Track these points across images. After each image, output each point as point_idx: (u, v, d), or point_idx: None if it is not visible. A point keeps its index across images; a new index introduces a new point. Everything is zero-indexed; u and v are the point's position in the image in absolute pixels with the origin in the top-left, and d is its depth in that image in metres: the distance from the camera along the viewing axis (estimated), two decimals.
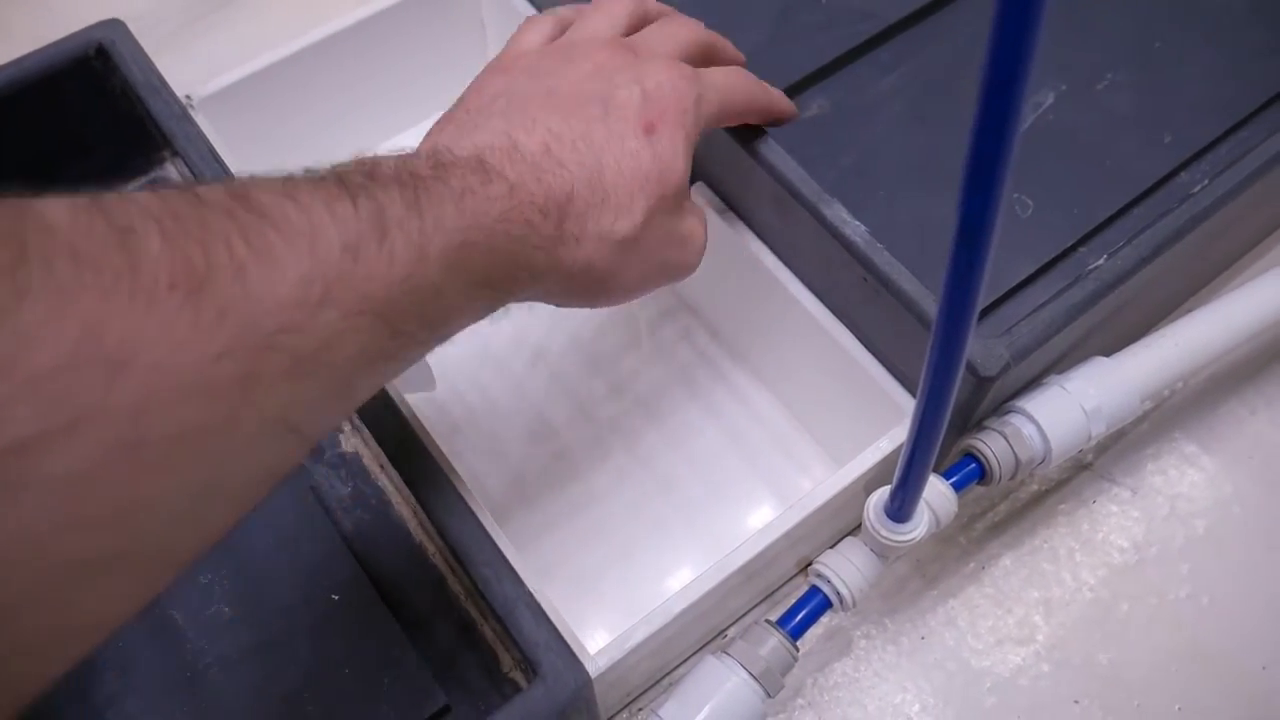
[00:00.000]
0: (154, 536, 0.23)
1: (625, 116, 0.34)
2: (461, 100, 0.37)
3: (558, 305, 0.36)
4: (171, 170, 0.49)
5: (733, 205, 0.46)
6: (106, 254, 0.21)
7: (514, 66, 0.37)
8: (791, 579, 0.48)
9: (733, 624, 0.47)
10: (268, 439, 0.25)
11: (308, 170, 0.28)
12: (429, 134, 0.36)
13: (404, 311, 0.27)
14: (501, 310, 0.33)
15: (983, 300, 0.40)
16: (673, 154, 0.35)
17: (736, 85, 0.40)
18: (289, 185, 0.26)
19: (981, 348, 0.37)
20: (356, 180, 0.27)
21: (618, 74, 0.36)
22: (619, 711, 0.46)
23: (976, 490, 0.51)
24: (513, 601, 0.34)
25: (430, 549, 0.40)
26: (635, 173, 0.34)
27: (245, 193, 0.25)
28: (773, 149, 0.42)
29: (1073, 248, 0.43)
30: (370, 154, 0.30)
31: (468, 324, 0.31)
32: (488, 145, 0.32)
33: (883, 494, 0.36)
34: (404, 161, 0.29)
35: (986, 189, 0.23)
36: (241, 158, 0.46)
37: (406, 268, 0.27)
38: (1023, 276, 0.42)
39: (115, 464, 0.21)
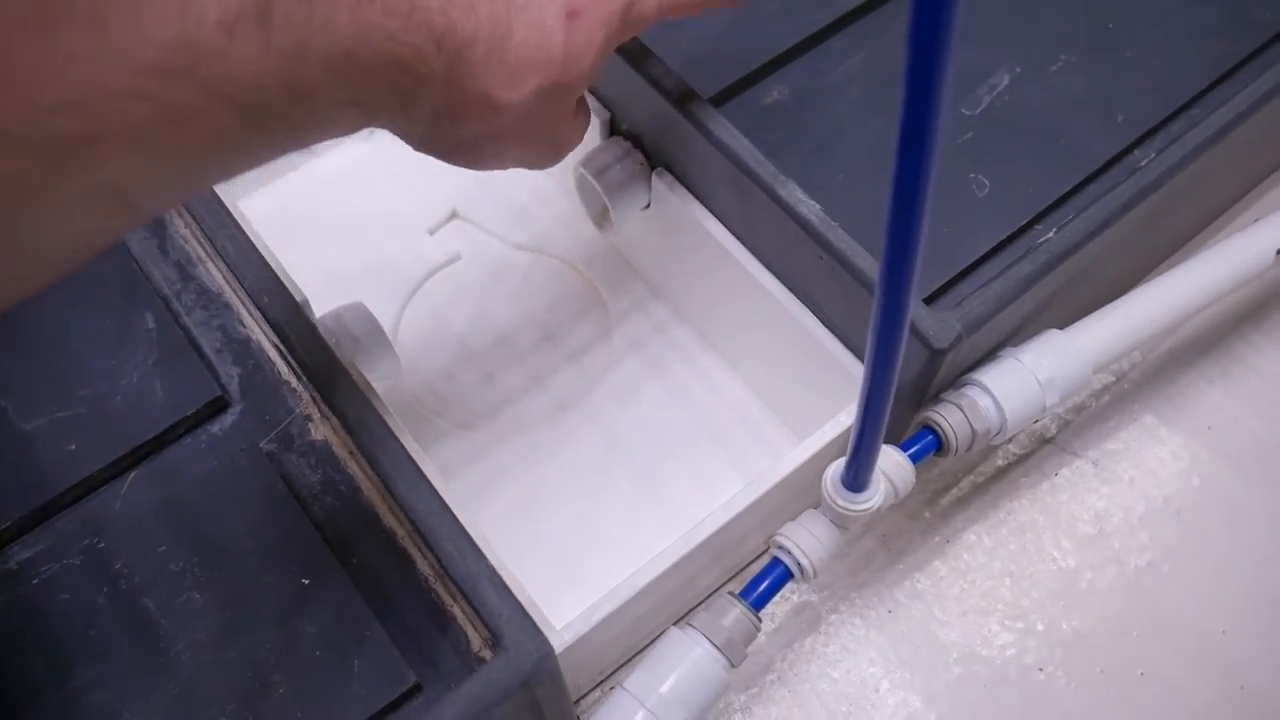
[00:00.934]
0: None
1: None
2: None
3: (412, 147, 0.34)
4: None
5: (693, 189, 0.47)
6: None
7: None
8: (759, 557, 0.49)
9: (703, 602, 0.48)
10: (93, 205, 0.23)
11: None
12: None
13: (269, 107, 0.25)
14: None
15: (937, 277, 0.42)
16: (585, 47, 0.34)
17: None
18: None
19: (934, 321, 0.38)
20: None
21: None
22: (592, 689, 0.46)
23: (941, 465, 0.52)
24: (476, 576, 0.34)
25: (399, 533, 0.40)
26: (540, 48, 0.32)
27: None
28: (730, 133, 0.42)
29: (1028, 225, 0.44)
30: None
31: (328, 137, 0.30)
32: None
33: (839, 465, 0.36)
34: None
35: (917, 157, 0.23)
36: None
37: (282, 61, 0.25)
38: (979, 254, 0.43)
39: None
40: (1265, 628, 0.48)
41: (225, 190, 0.43)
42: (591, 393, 0.53)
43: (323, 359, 0.39)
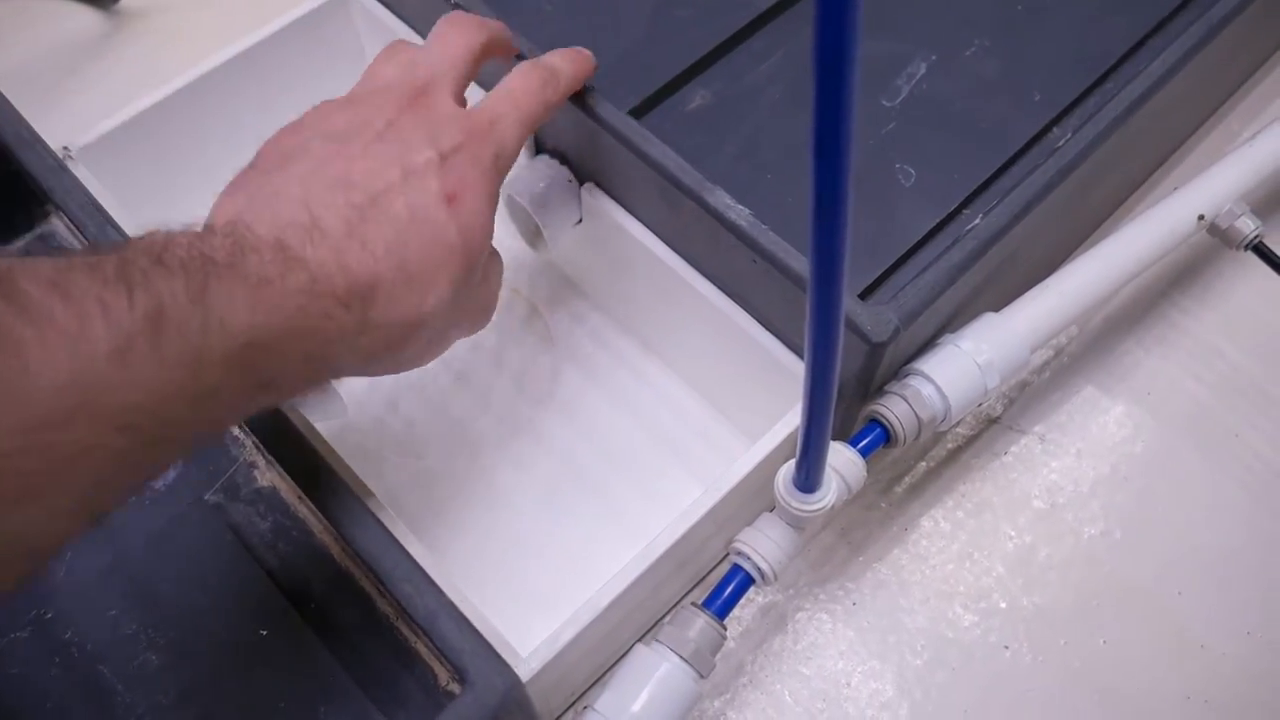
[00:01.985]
0: None
1: (426, 187, 0.32)
2: (257, 159, 0.34)
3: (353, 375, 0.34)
4: (57, 224, 0.48)
5: (623, 201, 0.47)
6: None
7: (308, 124, 0.35)
8: (723, 561, 0.49)
9: (669, 612, 0.48)
10: None
11: (92, 249, 0.25)
12: (224, 196, 0.33)
13: (168, 419, 0.25)
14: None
15: (870, 271, 0.42)
16: (477, 223, 0.34)
17: (527, 98, 0.38)
18: (62, 272, 0.23)
19: (871, 315, 0.39)
20: (140, 266, 0.24)
21: (412, 133, 0.34)
22: (564, 711, 0.46)
23: (891, 454, 0.52)
24: (434, 613, 0.34)
25: (356, 573, 0.40)
26: (439, 247, 0.32)
27: (11, 281, 0.22)
28: (653, 144, 0.42)
29: (956, 211, 0.45)
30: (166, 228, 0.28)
31: (239, 419, 0.29)
32: (288, 222, 0.29)
33: (790, 467, 0.37)
34: (198, 240, 0.27)
35: (833, 155, 0.24)
36: (130, 205, 0.46)
37: (180, 372, 0.24)
38: (910, 244, 0.43)
39: None
40: (1218, 585, 0.49)
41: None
42: (540, 412, 0.52)
43: None
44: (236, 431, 0.42)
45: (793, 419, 0.42)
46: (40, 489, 0.22)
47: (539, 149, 0.49)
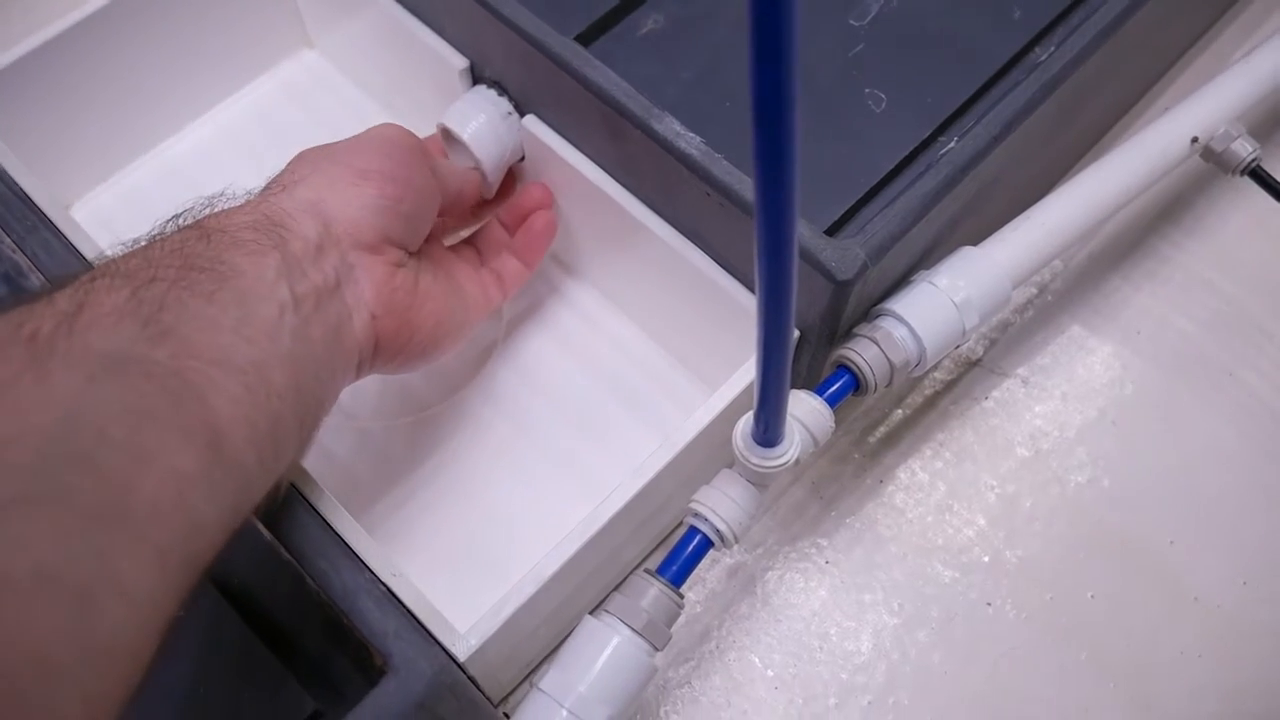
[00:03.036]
0: None
1: None
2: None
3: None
4: None
5: (567, 134, 0.43)
6: None
7: None
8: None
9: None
10: (103, 376, 0.23)
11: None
12: None
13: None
14: None
15: (838, 205, 0.39)
16: (392, 193, 0.36)
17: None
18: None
19: (836, 251, 0.35)
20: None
21: None
22: (520, 684, 0.43)
23: (865, 402, 0.49)
24: (353, 592, 0.31)
25: (281, 548, 0.37)
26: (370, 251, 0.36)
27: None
28: (597, 69, 0.39)
29: (930, 138, 0.41)
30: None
31: None
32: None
33: (748, 419, 0.33)
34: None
35: (775, 59, 0.20)
36: (30, 144, 0.42)
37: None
38: (881, 174, 0.40)
39: None
40: (1210, 532, 0.46)
41: (63, 188, 0.39)
42: (488, 368, 0.49)
43: None
44: None
45: (754, 365, 0.38)
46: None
47: (476, 79, 0.45)
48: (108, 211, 0.52)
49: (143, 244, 0.30)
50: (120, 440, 0.23)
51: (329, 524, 0.32)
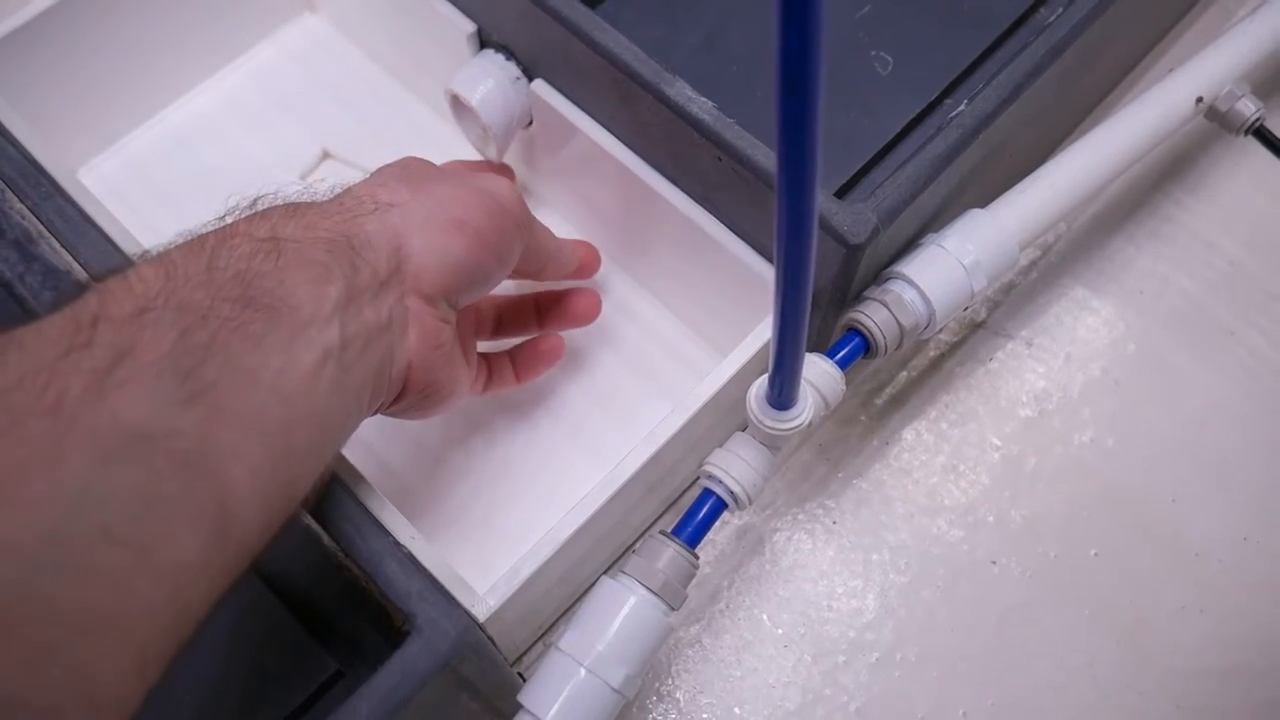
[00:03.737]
0: None
1: None
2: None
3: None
4: None
5: (576, 99, 0.43)
6: None
7: None
8: (694, 486, 0.47)
9: (639, 539, 0.46)
10: (117, 458, 0.22)
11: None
12: None
13: None
14: None
15: (847, 168, 0.39)
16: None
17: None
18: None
19: (848, 214, 0.35)
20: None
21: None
22: (535, 643, 0.44)
23: (870, 364, 0.49)
24: (378, 555, 0.31)
25: (302, 513, 0.37)
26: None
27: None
28: (608, 33, 0.38)
29: (938, 100, 0.41)
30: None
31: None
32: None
33: (762, 382, 0.34)
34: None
35: (803, 23, 0.20)
36: (34, 112, 0.42)
37: None
38: (889, 137, 0.40)
39: None
40: (1213, 491, 0.47)
41: (64, 155, 0.39)
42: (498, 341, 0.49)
43: None
44: None
45: (765, 331, 0.39)
46: None
47: (484, 43, 0.45)
48: (112, 178, 0.52)
49: (212, 241, 0.28)
50: (123, 535, 0.22)
51: (350, 490, 0.33)
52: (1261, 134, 0.48)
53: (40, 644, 0.21)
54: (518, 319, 0.45)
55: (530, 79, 0.44)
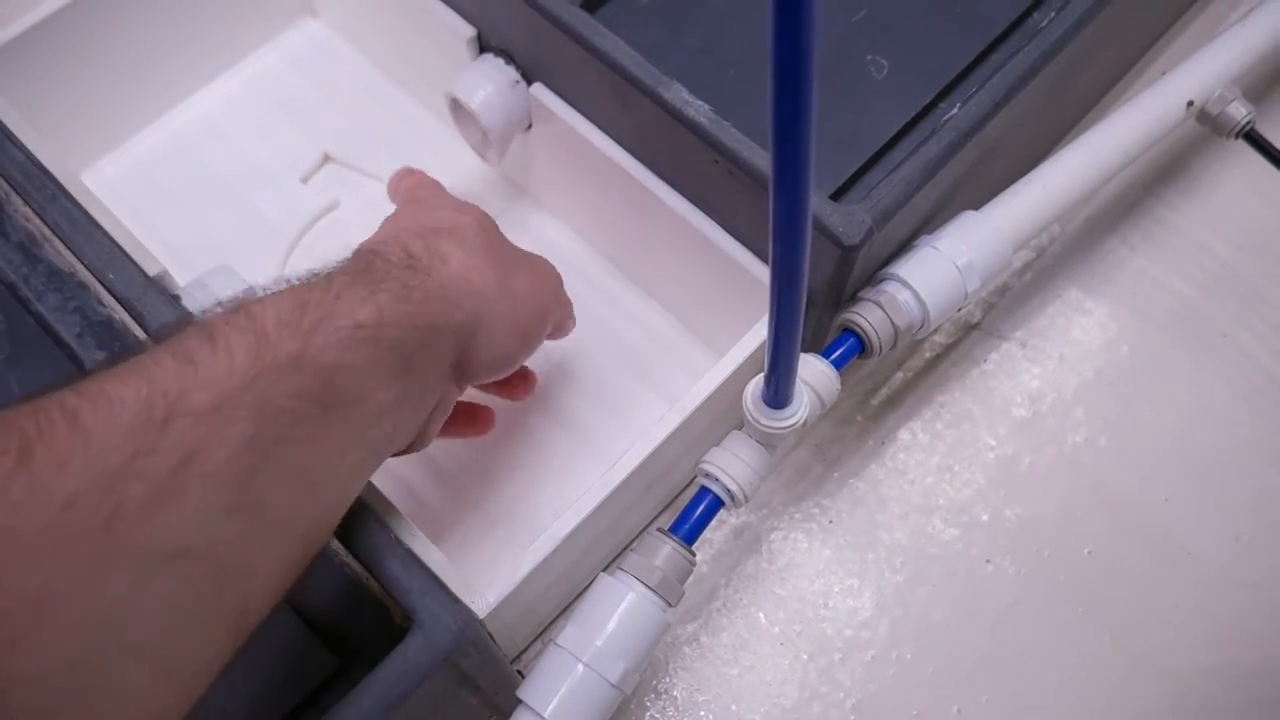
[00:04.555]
0: None
1: None
2: None
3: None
4: None
5: (574, 102, 0.43)
6: None
7: None
8: (693, 483, 0.47)
9: (637, 539, 0.46)
10: (156, 574, 0.22)
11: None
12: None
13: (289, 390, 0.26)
14: None
15: (842, 170, 0.39)
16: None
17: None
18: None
19: (843, 216, 0.36)
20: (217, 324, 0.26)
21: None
22: (533, 641, 0.44)
23: (867, 365, 0.50)
24: (379, 551, 0.31)
25: None
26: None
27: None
28: (605, 37, 0.39)
29: (932, 103, 0.42)
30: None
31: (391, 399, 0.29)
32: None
33: (759, 382, 0.34)
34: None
35: (795, 29, 0.21)
36: (38, 115, 0.42)
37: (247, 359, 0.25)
38: (884, 140, 0.41)
39: None
40: (1204, 490, 0.47)
41: (65, 158, 0.39)
42: None
43: None
44: None
45: (761, 331, 0.39)
46: (171, 484, 0.23)
47: (483, 47, 0.46)
48: (115, 181, 0.53)
49: (311, 317, 0.27)
50: (146, 650, 0.23)
51: None
52: (1252, 138, 0.49)
53: None
54: None
55: (529, 83, 0.44)
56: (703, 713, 0.43)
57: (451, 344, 0.32)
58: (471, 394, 0.43)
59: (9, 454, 0.21)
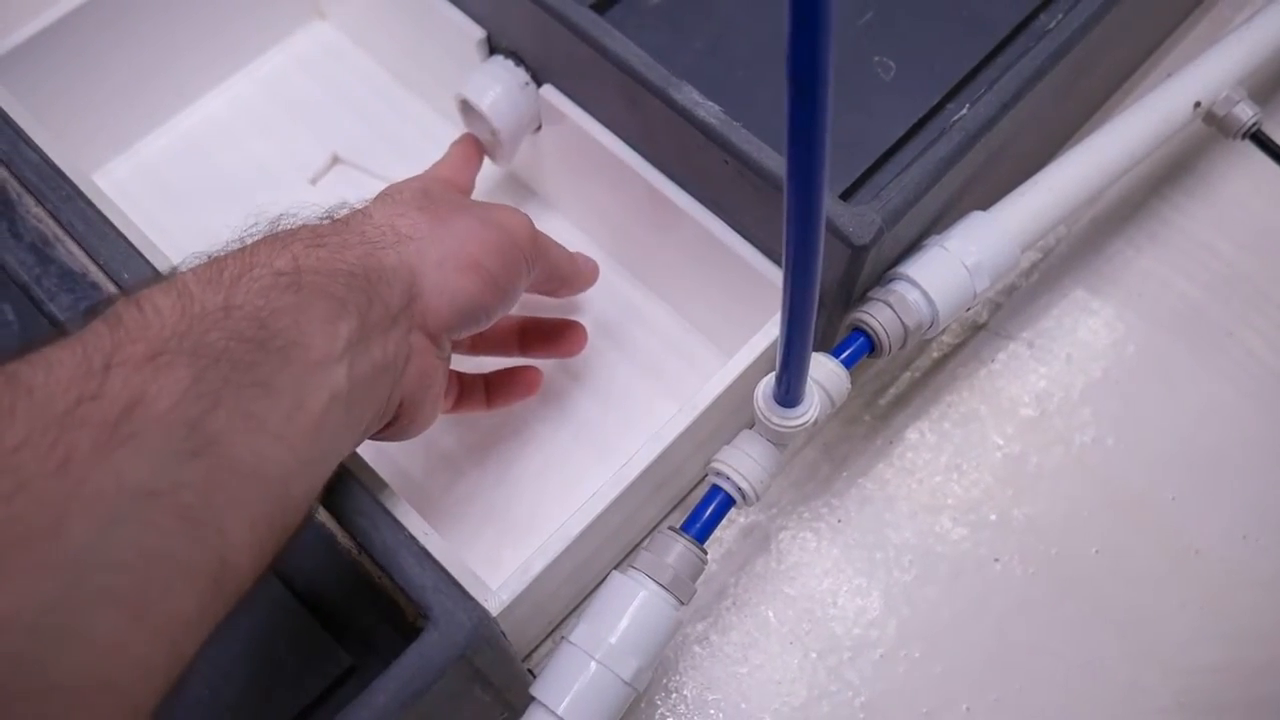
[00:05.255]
0: None
1: None
2: None
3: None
4: None
5: (584, 103, 0.43)
6: None
7: None
8: (703, 482, 0.47)
9: (647, 537, 0.46)
10: (121, 518, 0.22)
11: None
12: None
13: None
14: None
15: (851, 171, 0.39)
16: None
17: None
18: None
19: (853, 216, 0.36)
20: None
21: None
22: (543, 640, 0.44)
23: (875, 365, 0.50)
24: (393, 549, 0.32)
25: (316, 508, 0.37)
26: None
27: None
28: (615, 38, 0.39)
29: (940, 104, 0.42)
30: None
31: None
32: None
33: (770, 380, 0.34)
34: None
35: (812, 33, 0.21)
36: (49, 116, 0.42)
37: None
38: (892, 141, 0.41)
39: None
40: (1211, 488, 0.48)
41: (77, 159, 0.39)
42: None
43: None
44: None
45: (771, 330, 0.39)
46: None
47: (493, 49, 0.46)
48: (125, 182, 0.53)
49: (231, 269, 0.28)
50: (122, 597, 0.22)
51: (365, 487, 0.33)
52: (1259, 139, 0.49)
53: (36, 716, 0.21)
54: (498, 340, 0.45)
55: (539, 84, 0.44)
56: (712, 711, 0.43)
57: (391, 289, 0.31)
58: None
59: None
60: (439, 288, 0.32)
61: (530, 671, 0.43)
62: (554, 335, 0.45)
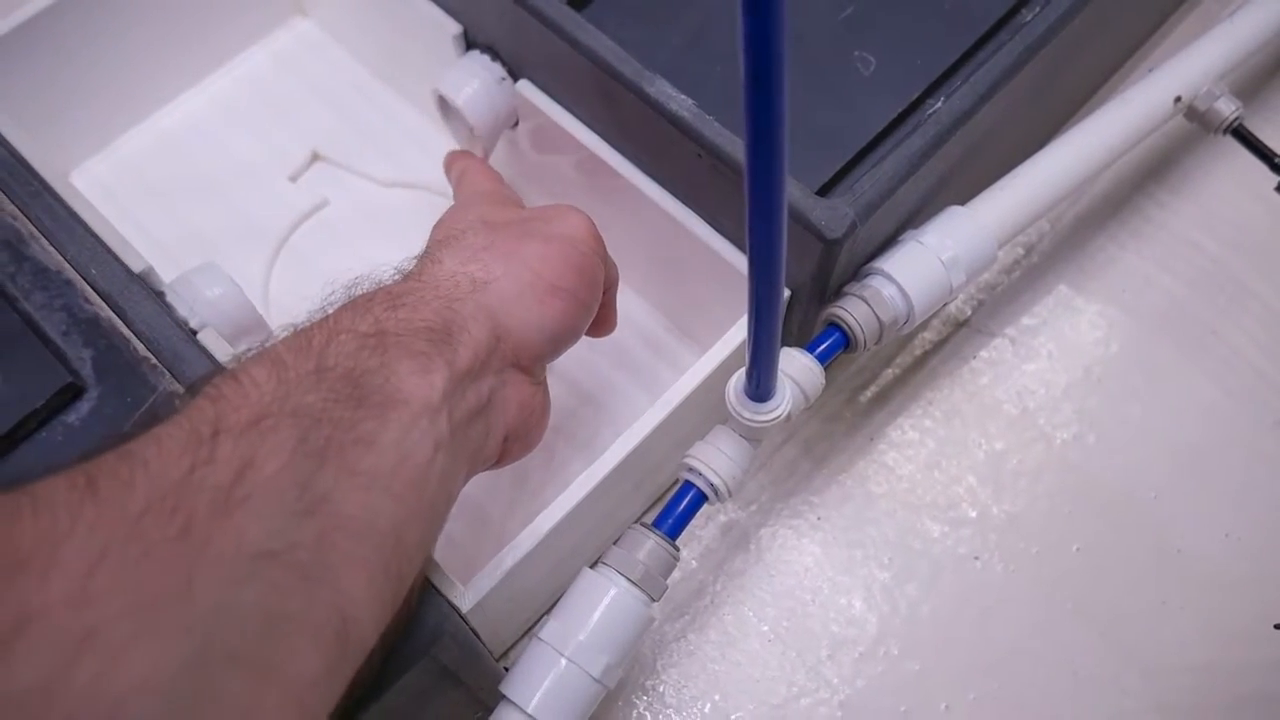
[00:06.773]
0: None
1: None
2: None
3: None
4: None
5: (559, 98, 0.43)
6: None
7: None
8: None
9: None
10: (242, 580, 0.22)
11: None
12: None
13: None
14: None
15: (828, 167, 0.39)
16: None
17: None
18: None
19: (826, 210, 0.36)
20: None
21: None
22: (520, 639, 0.44)
23: (856, 361, 0.50)
24: None
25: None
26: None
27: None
28: (589, 32, 0.39)
29: (919, 100, 0.41)
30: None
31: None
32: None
33: (741, 375, 0.34)
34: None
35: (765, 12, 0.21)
36: (26, 114, 0.42)
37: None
38: (870, 136, 0.40)
39: None
40: (1193, 487, 0.47)
41: (54, 156, 0.39)
42: None
43: (165, 331, 0.35)
44: (155, 359, 0.39)
45: (745, 325, 0.39)
46: None
47: (469, 44, 0.46)
48: (105, 180, 0.53)
49: (319, 338, 0.28)
50: (249, 658, 0.23)
51: None
52: (1240, 134, 0.49)
53: None
54: None
55: (515, 79, 0.44)
56: (690, 709, 0.43)
57: (474, 337, 0.31)
58: None
59: (76, 487, 0.21)
60: (524, 323, 0.33)
61: (506, 669, 0.43)
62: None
